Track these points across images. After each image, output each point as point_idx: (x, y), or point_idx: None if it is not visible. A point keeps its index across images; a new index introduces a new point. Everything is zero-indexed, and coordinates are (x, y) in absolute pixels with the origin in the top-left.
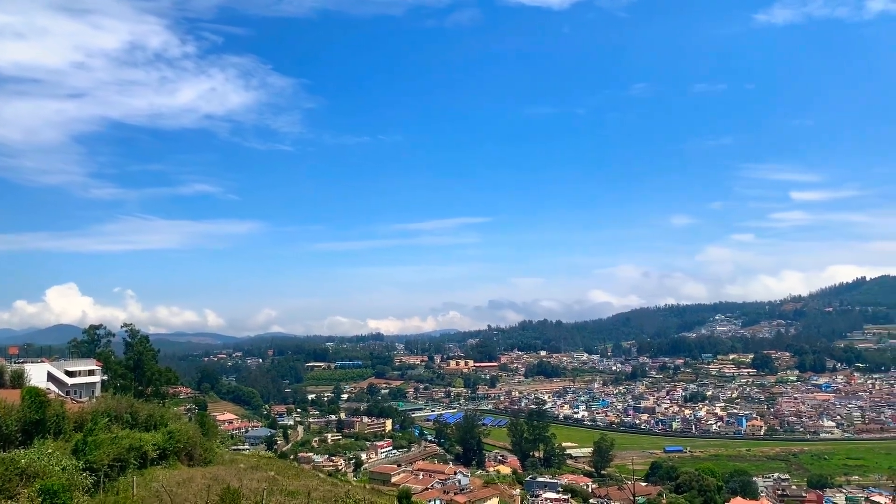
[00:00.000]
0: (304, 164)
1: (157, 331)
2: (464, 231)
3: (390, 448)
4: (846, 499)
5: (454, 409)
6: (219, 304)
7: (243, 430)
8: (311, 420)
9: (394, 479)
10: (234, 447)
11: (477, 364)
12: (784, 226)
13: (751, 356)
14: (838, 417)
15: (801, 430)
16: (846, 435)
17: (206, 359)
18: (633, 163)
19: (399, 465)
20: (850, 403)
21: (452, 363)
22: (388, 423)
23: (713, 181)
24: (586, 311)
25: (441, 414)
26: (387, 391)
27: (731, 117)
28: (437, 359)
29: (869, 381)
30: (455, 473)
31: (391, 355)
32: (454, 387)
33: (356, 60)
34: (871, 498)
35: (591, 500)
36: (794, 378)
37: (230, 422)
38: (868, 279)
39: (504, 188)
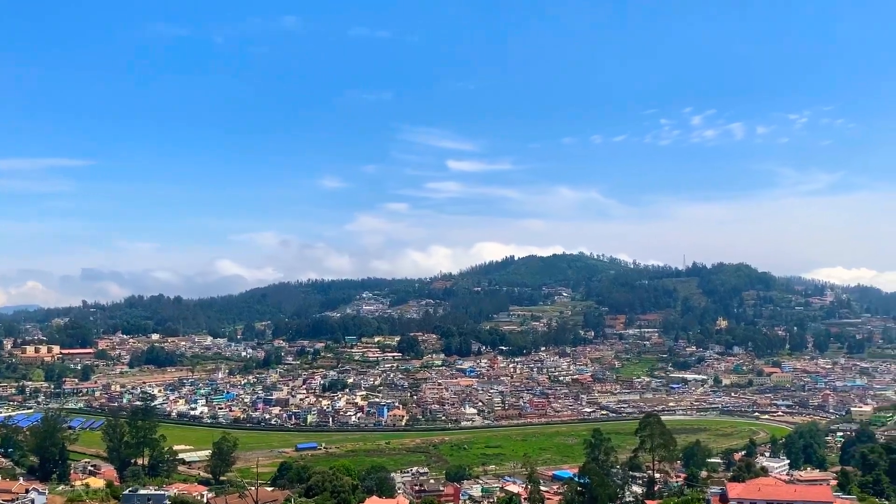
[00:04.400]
0: None
1: None
2: (52, 176)
3: None
4: (482, 490)
5: (30, 409)
6: None
7: None
8: None
9: None
10: None
11: (65, 351)
12: (439, 197)
13: (397, 338)
14: (480, 404)
15: (444, 418)
16: (486, 422)
17: None
18: (278, 109)
19: None
20: (492, 389)
21: (30, 349)
22: None
23: (369, 141)
24: (213, 286)
25: (11, 416)
26: None
27: (391, 71)
28: (8, 344)
29: (511, 365)
30: (27, 491)
31: None
32: (32, 380)
33: None
34: (506, 487)
35: None
36: (440, 362)
37: None
38: (516, 258)
39: (112, 123)
